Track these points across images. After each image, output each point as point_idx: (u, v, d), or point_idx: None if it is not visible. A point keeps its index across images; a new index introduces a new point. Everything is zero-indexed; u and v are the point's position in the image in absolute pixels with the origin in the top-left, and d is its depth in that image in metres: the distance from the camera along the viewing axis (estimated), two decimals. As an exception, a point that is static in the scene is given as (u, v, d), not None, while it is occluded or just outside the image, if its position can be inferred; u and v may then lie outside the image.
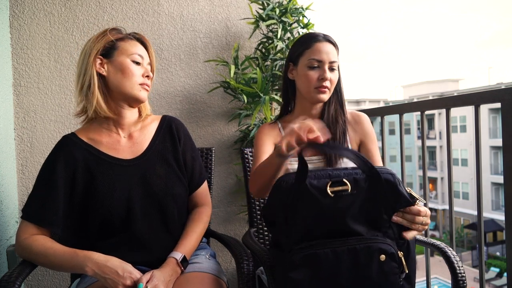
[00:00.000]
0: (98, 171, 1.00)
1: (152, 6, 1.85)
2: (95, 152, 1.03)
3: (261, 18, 1.85)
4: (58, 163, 0.99)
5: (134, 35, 1.07)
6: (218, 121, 1.96)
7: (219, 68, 1.94)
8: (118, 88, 1.01)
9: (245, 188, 1.47)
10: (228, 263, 1.97)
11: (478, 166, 1.35)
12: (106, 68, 1.01)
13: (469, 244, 18.31)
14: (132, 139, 1.08)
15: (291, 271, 0.79)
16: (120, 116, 1.05)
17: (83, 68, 1.01)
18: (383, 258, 0.78)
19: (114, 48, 1.02)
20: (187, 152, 1.13)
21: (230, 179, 1.98)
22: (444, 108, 1.47)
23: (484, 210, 1.38)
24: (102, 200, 0.98)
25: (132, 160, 1.05)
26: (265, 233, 1.46)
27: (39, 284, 1.69)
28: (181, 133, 1.14)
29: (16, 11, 1.65)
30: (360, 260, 0.78)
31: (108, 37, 1.02)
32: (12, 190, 1.59)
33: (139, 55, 1.03)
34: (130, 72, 1.01)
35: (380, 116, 1.81)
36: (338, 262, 0.78)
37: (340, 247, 0.79)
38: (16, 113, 1.65)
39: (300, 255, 0.79)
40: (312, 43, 1.14)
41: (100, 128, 1.06)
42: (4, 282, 0.89)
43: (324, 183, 0.82)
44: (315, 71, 1.13)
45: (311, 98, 1.16)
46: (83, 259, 0.88)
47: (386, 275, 0.79)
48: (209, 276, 1.02)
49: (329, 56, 1.12)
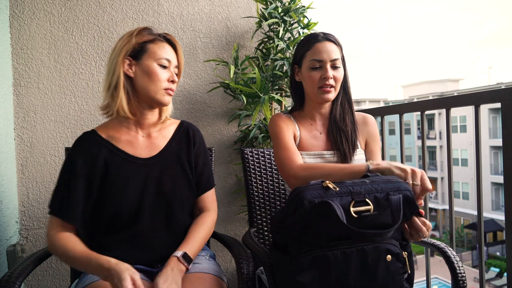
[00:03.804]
0: (114, 166, 1.03)
1: (152, 6, 1.85)
2: (112, 148, 1.05)
3: (264, 17, 1.85)
4: (77, 159, 1.02)
5: (165, 36, 1.08)
6: (218, 121, 1.96)
7: (219, 69, 1.94)
8: (143, 91, 1.04)
9: (245, 188, 1.47)
10: (228, 263, 1.97)
11: (478, 166, 1.35)
12: (134, 70, 1.04)
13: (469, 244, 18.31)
14: (150, 139, 1.10)
15: (299, 274, 0.78)
16: (140, 116, 1.08)
17: (112, 67, 1.03)
18: (389, 258, 0.79)
19: (143, 51, 1.03)
20: (199, 157, 1.15)
21: (230, 179, 1.98)
22: (444, 108, 1.47)
23: (484, 210, 1.38)
24: (115, 195, 1.01)
25: (147, 159, 1.07)
26: (265, 233, 1.46)
27: (39, 284, 1.69)
28: (197, 138, 1.16)
29: (16, 11, 1.65)
30: (368, 260, 0.78)
31: (138, 38, 1.03)
32: (12, 190, 1.59)
33: (166, 59, 1.05)
34: (156, 77, 1.03)
35: (380, 116, 1.81)
36: (348, 263, 0.78)
37: (349, 248, 0.78)
38: (16, 113, 1.65)
39: (309, 257, 0.78)
40: (312, 44, 1.15)
41: (120, 126, 1.09)
42: (4, 282, 0.89)
43: (347, 202, 0.78)
44: (317, 71, 1.14)
45: (317, 99, 1.18)
46: (96, 267, 0.88)
47: (393, 275, 0.80)
48: (210, 276, 1.02)
49: (330, 54, 1.13)
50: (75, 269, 1.25)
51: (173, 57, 1.08)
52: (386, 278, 0.79)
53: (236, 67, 1.82)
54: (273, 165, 1.50)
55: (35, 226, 1.67)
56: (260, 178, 1.47)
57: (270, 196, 1.47)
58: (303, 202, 0.78)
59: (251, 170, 1.46)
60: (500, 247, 17.15)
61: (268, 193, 1.47)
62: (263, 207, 1.46)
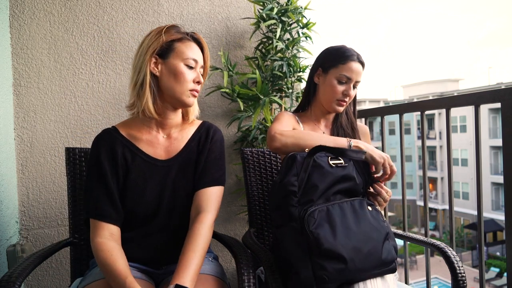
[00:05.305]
0: (133, 167, 1.03)
1: (152, 6, 1.85)
2: (133, 148, 1.04)
3: (262, 18, 1.85)
4: (102, 156, 1.01)
5: (193, 35, 1.06)
6: (218, 121, 1.96)
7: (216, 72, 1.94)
8: (168, 91, 1.02)
9: (245, 188, 1.47)
10: (228, 263, 1.98)
11: (478, 166, 1.35)
12: (160, 68, 1.02)
13: (469, 244, 18.32)
14: (170, 139, 1.09)
15: (313, 226, 0.96)
16: (164, 117, 1.06)
17: (139, 65, 1.01)
18: (370, 208, 1.06)
19: (170, 50, 1.01)
20: (212, 152, 1.10)
21: (230, 179, 1.98)
22: (444, 108, 1.47)
23: (484, 210, 1.38)
24: (133, 195, 1.01)
25: (166, 160, 1.06)
26: (265, 233, 1.46)
27: (39, 284, 1.69)
28: (216, 137, 1.12)
29: (16, 11, 1.65)
30: (357, 208, 1.04)
31: (166, 37, 1.01)
32: (12, 190, 1.59)
33: (193, 60, 1.03)
34: (183, 77, 1.01)
35: (380, 116, 1.80)
36: (344, 212, 1.02)
37: (341, 202, 1.04)
38: (16, 113, 1.65)
39: (315, 211, 0.98)
40: (348, 61, 1.24)
41: (142, 125, 1.07)
42: (4, 282, 0.89)
43: (326, 157, 1.07)
44: (342, 85, 1.25)
45: (329, 108, 1.29)
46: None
47: (377, 220, 1.05)
48: (212, 278, 1.02)
49: (358, 76, 1.25)
50: (75, 269, 1.25)
51: (200, 57, 1.06)
52: (373, 221, 1.03)
53: (229, 71, 1.82)
54: (273, 165, 1.50)
55: (35, 226, 1.67)
56: (260, 178, 1.47)
57: (270, 196, 1.47)
58: (296, 156, 1.04)
59: (251, 170, 1.46)
60: (500, 247, 17.15)
61: (268, 193, 1.47)
62: (263, 207, 1.46)
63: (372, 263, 0.97)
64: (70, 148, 1.32)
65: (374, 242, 0.99)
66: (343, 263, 0.92)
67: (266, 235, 1.46)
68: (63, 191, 1.71)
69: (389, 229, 1.06)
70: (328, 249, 0.92)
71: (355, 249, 0.95)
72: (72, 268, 1.26)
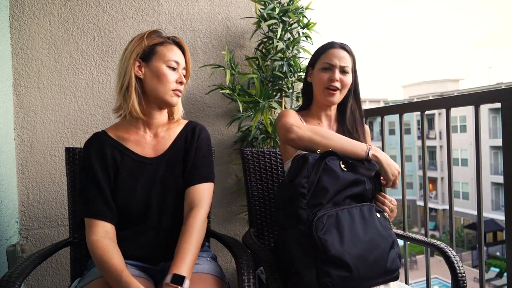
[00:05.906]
0: (123, 166, 1.06)
1: (152, 6, 1.85)
2: (121, 148, 1.08)
3: (263, 17, 1.85)
4: (93, 158, 1.05)
5: (174, 39, 1.11)
6: (218, 121, 1.96)
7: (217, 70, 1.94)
8: (152, 92, 1.07)
9: (245, 188, 1.47)
10: (228, 263, 1.98)
11: (478, 166, 1.35)
12: (144, 71, 1.07)
13: (469, 244, 18.32)
14: (158, 138, 1.13)
15: (321, 232, 0.95)
16: (150, 117, 1.11)
17: (124, 69, 1.06)
18: (378, 215, 1.05)
19: (152, 53, 1.06)
20: (200, 151, 1.13)
21: (230, 179, 1.98)
22: (444, 108, 1.47)
23: (484, 210, 1.38)
24: (125, 194, 1.04)
25: (154, 158, 1.09)
26: (265, 233, 1.46)
27: (39, 284, 1.69)
28: (202, 135, 1.16)
29: (16, 11, 1.65)
30: (365, 215, 1.02)
31: (148, 41, 1.06)
32: (12, 190, 1.59)
33: (175, 61, 1.08)
34: (165, 78, 1.06)
35: (380, 116, 1.81)
36: (353, 218, 1.00)
37: (350, 207, 1.03)
38: (16, 113, 1.65)
39: (324, 216, 0.97)
40: (327, 49, 1.26)
41: (129, 126, 1.11)
42: (4, 282, 0.89)
43: (337, 161, 1.06)
44: (326, 72, 1.24)
45: (323, 99, 1.27)
46: (125, 286, 0.87)
47: (384, 227, 1.04)
48: (212, 277, 1.03)
49: (341, 60, 1.23)
50: (75, 269, 1.26)
51: (182, 59, 1.11)
52: (381, 228, 1.02)
53: (232, 70, 1.82)
54: (273, 165, 1.50)
55: (35, 226, 1.67)
56: (260, 178, 1.47)
57: (270, 196, 1.47)
58: (308, 158, 1.02)
59: (251, 170, 1.46)
60: (500, 247, 17.15)
61: (268, 193, 1.47)
62: (263, 207, 1.46)
63: (377, 272, 0.97)
64: (70, 148, 1.32)
65: (380, 250, 0.98)
66: (347, 271, 0.92)
67: (266, 235, 1.46)
68: (63, 191, 1.71)
69: (395, 237, 1.05)
70: (335, 256, 0.92)
71: (361, 257, 0.94)
72: (72, 268, 1.26)
